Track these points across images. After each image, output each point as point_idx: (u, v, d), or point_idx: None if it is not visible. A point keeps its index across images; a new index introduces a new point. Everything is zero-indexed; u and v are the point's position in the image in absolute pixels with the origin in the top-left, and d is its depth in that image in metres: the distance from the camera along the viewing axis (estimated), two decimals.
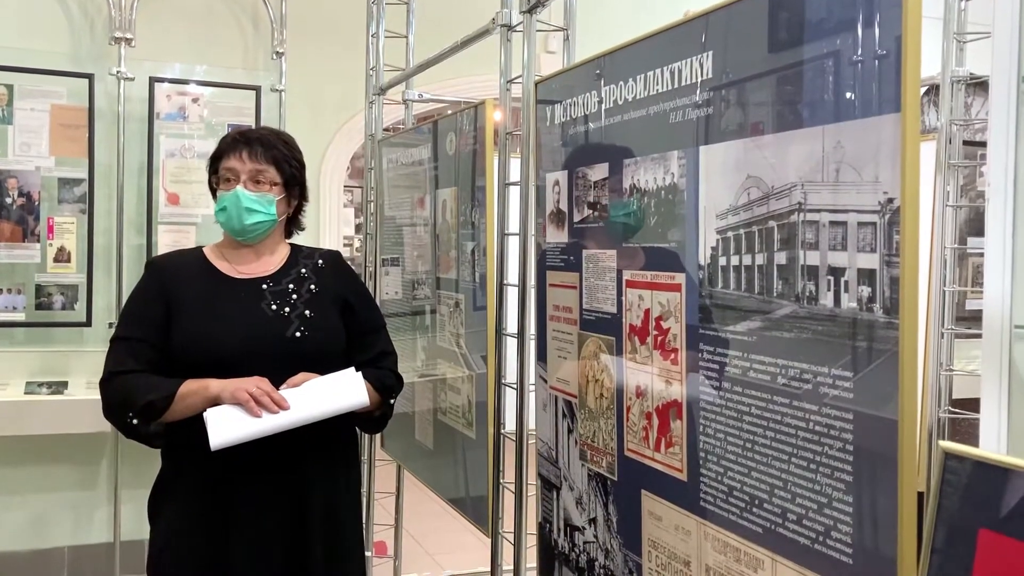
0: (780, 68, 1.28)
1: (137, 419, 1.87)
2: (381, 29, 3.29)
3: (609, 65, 1.73)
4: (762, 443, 1.33)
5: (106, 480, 3.78)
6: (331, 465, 2.02)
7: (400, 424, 2.98)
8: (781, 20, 1.28)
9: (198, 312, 1.95)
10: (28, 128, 3.69)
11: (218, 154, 2.03)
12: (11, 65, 3.64)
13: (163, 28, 3.94)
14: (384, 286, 3.15)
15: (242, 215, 1.97)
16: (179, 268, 2.02)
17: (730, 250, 1.38)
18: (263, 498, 1.92)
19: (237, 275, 2.02)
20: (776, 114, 1.29)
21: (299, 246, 2.16)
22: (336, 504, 2.02)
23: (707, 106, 1.43)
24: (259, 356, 1.91)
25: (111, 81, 3.77)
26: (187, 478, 1.94)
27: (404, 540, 3.53)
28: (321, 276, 2.07)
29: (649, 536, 1.63)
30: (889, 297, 1.10)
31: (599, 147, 1.77)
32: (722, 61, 1.40)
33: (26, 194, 3.69)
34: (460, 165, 2.43)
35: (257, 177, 1.99)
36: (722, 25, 1.40)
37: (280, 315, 1.97)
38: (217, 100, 4.00)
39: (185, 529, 1.92)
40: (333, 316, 2.04)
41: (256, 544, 1.91)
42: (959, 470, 0.97)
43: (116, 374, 1.91)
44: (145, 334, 1.94)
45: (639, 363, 1.64)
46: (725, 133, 1.39)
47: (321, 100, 4.21)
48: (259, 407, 1.83)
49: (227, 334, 1.92)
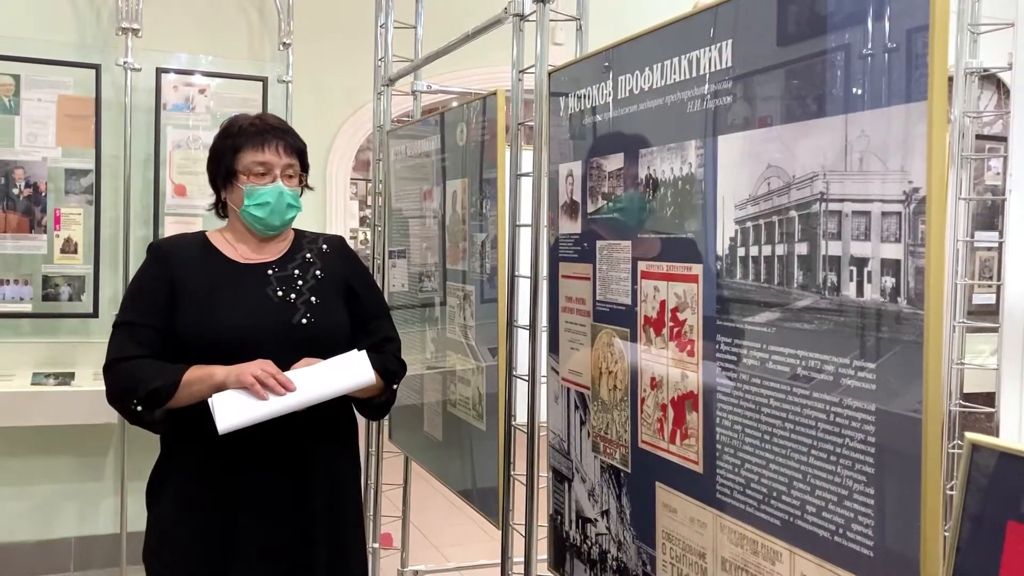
0: (803, 57, 1.26)
1: (141, 406, 1.85)
2: (390, 20, 3.27)
3: (625, 54, 1.72)
4: (781, 435, 1.32)
5: (112, 471, 3.78)
6: (332, 449, 2.01)
7: (408, 416, 2.97)
8: (804, 7, 1.27)
9: (203, 297, 1.92)
10: (35, 118, 3.68)
11: (239, 144, 1.97)
12: (18, 55, 3.63)
13: (170, 18, 3.93)
14: (392, 278, 3.15)
15: (284, 211, 1.96)
16: (183, 252, 1.99)
17: (749, 240, 1.37)
18: (265, 483, 1.91)
19: (242, 260, 2.00)
20: (799, 103, 1.27)
21: (302, 231, 2.13)
22: (339, 489, 2.01)
23: (726, 95, 1.42)
24: (264, 342, 1.89)
25: (118, 72, 3.76)
26: (188, 464, 1.92)
27: (411, 532, 3.52)
28: (326, 261, 2.05)
29: (663, 528, 1.63)
30: (914, 288, 1.09)
31: (614, 137, 1.75)
32: (742, 49, 1.39)
33: (33, 185, 3.68)
34: (470, 156, 2.42)
35: (289, 171, 1.98)
36: (742, 13, 1.39)
37: (286, 301, 1.96)
38: (223, 91, 3.99)
39: (186, 515, 1.91)
40: (338, 302, 2.03)
41: (260, 527, 1.90)
42: (986, 463, 0.96)
43: (119, 360, 1.89)
44: (148, 319, 1.91)
45: (654, 354, 1.63)
46: (744, 122, 1.38)
47: (328, 91, 4.19)
48: (265, 389, 1.81)
49: (232, 320, 1.91)
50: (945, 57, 1.05)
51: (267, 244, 2.03)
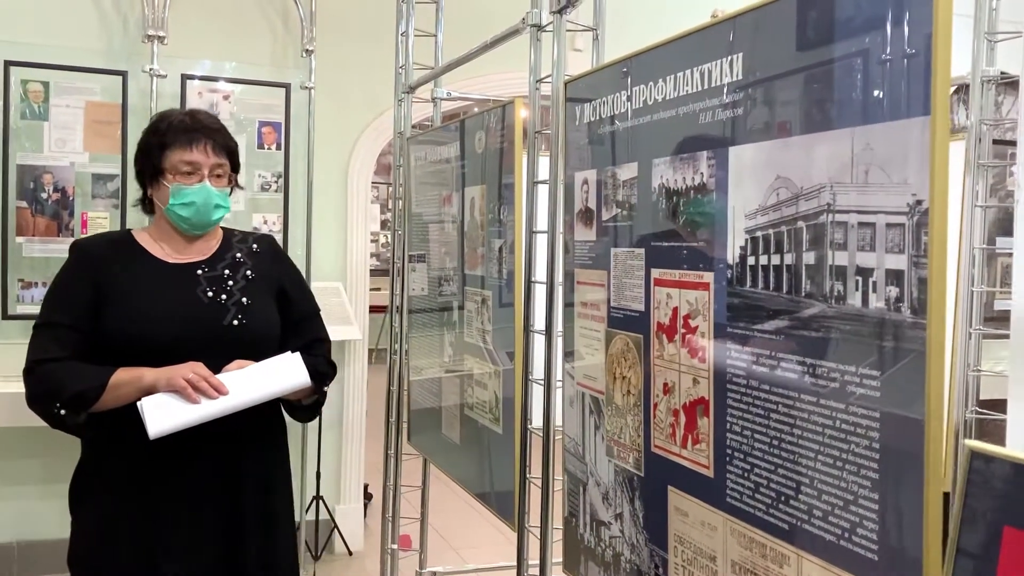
0: (809, 68, 1.29)
1: (65, 409, 1.80)
2: (411, 28, 3.32)
3: (638, 65, 1.75)
4: (789, 441, 1.34)
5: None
6: (262, 450, 1.99)
7: (427, 418, 3.01)
8: (810, 21, 1.29)
9: (130, 298, 1.87)
10: (63, 124, 3.76)
11: (167, 142, 1.92)
12: (48, 62, 3.71)
13: (195, 25, 4.00)
14: (411, 282, 3.19)
15: (211, 211, 1.93)
16: (108, 252, 1.94)
17: (759, 250, 1.40)
18: (192, 485, 1.88)
19: (170, 260, 1.95)
20: (805, 115, 1.30)
21: (231, 230, 2.10)
22: (270, 488, 1.99)
23: (736, 107, 1.45)
24: (194, 344, 1.85)
25: (144, 78, 3.84)
26: (114, 467, 1.88)
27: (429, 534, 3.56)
28: (256, 261, 2.02)
29: (675, 531, 1.65)
30: (917, 298, 1.11)
31: (628, 146, 1.78)
32: (751, 62, 1.42)
33: (61, 189, 3.76)
34: (488, 163, 2.45)
35: (217, 171, 1.94)
36: (751, 26, 1.42)
37: (216, 302, 1.92)
38: (247, 97, 4.06)
39: (112, 519, 1.86)
40: (269, 303, 2.00)
41: (187, 530, 1.87)
42: (984, 468, 0.98)
43: (40, 362, 1.83)
44: (71, 320, 1.85)
45: (666, 360, 1.66)
46: (754, 133, 1.41)
47: (349, 97, 4.25)
48: (197, 393, 1.77)
49: (161, 321, 1.86)
50: (948, 71, 1.07)
51: (195, 243, 1.98)
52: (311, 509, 4.27)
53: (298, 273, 2.19)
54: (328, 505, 4.35)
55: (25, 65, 3.70)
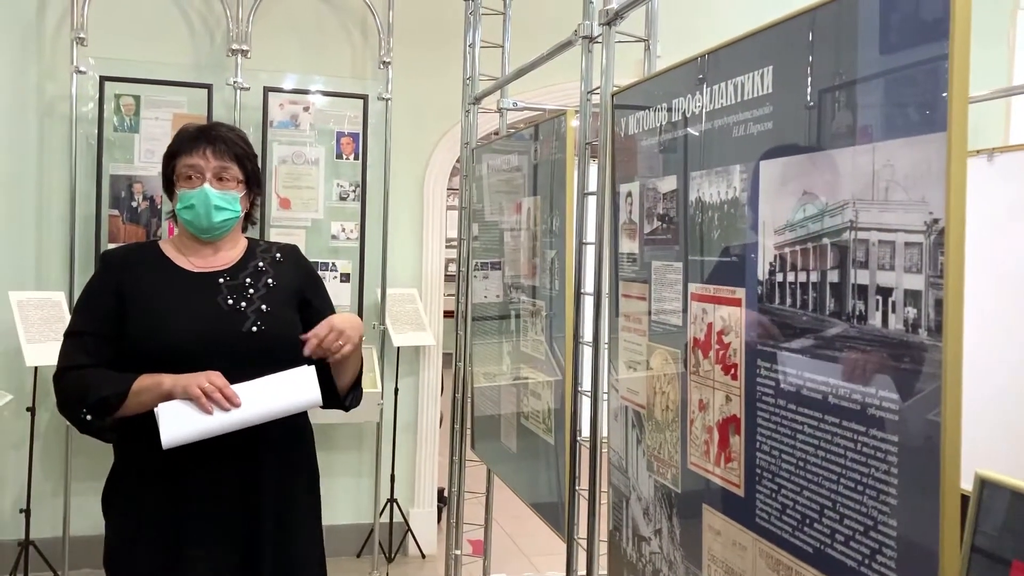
0: (833, 86, 1.26)
1: (91, 415, 1.86)
2: (477, 38, 3.35)
3: (678, 78, 1.73)
4: (814, 462, 1.31)
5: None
6: (288, 461, 2.01)
7: (488, 426, 3.04)
8: (831, 38, 1.26)
9: (152, 306, 1.92)
10: (152, 136, 3.94)
11: (175, 151, 2.01)
12: (140, 77, 3.89)
13: (277, 40, 4.13)
14: (480, 289, 3.21)
15: (210, 213, 1.96)
16: (134, 261, 2.00)
17: (787, 266, 1.37)
18: (216, 491, 1.91)
19: (194, 269, 2.00)
20: (831, 130, 1.27)
21: (256, 240, 2.14)
22: (293, 501, 2.01)
23: (767, 120, 1.42)
24: (214, 351, 1.89)
25: (228, 91, 3.98)
26: (139, 472, 1.93)
27: (501, 539, 3.57)
28: (279, 270, 2.05)
29: (709, 550, 1.63)
30: (934, 319, 1.08)
31: (667, 159, 1.77)
32: (781, 75, 1.39)
33: (150, 198, 3.94)
34: (542, 174, 2.46)
35: (221, 174, 1.98)
36: (781, 39, 1.39)
37: (236, 310, 1.95)
38: (327, 108, 4.17)
39: (138, 523, 1.91)
40: (289, 310, 2.02)
41: (209, 536, 1.90)
42: (994, 499, 0.94)
43: (68, 369, 1.90)
44: (97, 328, 1.91)
45: (702, 376, 1.63)
46: (784, 148, 1.38)
47: (425, 108, 4.31)
48: (211, 403, 1.81)
49: (181, 328, 1.90)
50: (966, 87, 1.04)
51: (219, 253, 2.03)
52: (385, 511, 4.34)
53: (321, 282, 2.22)
54: (402, 508, 4.42)
55: (119, 80, 3.89)
